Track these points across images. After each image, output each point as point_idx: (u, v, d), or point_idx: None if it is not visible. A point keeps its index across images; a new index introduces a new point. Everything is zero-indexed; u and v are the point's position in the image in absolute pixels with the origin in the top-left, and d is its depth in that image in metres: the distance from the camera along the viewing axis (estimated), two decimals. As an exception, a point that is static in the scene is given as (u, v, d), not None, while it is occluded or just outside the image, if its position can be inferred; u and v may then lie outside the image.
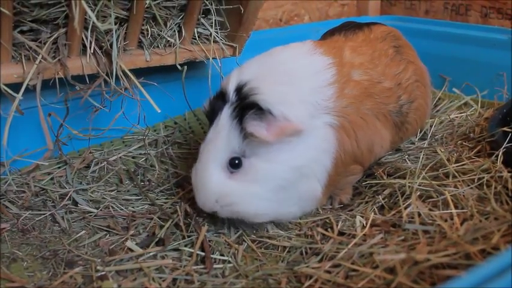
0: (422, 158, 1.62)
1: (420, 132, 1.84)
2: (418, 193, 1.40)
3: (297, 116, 1.28)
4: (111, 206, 1.51)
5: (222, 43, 1.80)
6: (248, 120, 1.27)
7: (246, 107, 1.29)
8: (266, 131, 1.25)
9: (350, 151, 1.39)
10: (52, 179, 1.63)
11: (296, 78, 1.35)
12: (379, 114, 1.46)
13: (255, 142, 1.28)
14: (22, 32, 1.40)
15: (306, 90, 1.34)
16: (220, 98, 1.36)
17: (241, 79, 1.34)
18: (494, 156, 1.51)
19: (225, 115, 1.32)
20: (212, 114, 1.37)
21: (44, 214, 1.46)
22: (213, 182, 1.32)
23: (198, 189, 1.36)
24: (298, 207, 1.39)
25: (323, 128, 1.34)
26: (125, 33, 1.56)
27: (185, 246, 1.32)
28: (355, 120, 1.39)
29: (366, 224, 1.34)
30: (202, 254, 1.29)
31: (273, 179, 1.30)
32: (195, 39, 1.76)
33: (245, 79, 1.33)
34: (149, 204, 1.53)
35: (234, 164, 1.31)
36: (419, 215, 1.30)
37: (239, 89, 1.32)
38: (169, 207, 1.50)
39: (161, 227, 1.39)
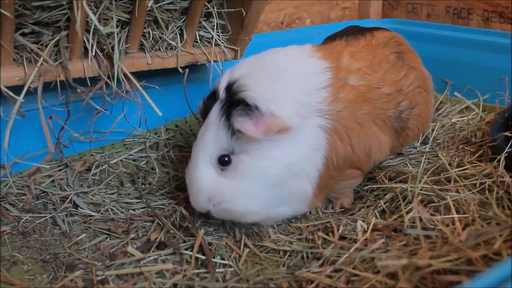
0: (424, 162, 1.61)
1: (422, 136, 1.83)
2: (420, 198, 1.40)
3: (285, 113, 1.28)
4: (112, 209, 1.51)
5: (224, 46, 1.80)
6: (235, 117, 1.27)
7: (234, 103, 1.29)
8: (254, 126, 1.25)
9: (344, 155, 1.39)
10: (53, 181, 1.63)
11: (287, 78, 1.35)
12: (377, 119, 1.45)
13: (244, 139, 1.28)
14: (24, 35, 1.40)
15: (298, 90, 1.34)
16: (212, 97, 1.37)
17: (232, 77, 1.35)
18: (496, 161, 1.51)
19: (214, 113, 1.33)
20: (205, 113, 1.38)
21: (45, 217, 1.46)
22: (203, 180, 1.32)
23: (190, 188, 1.37)
24: (289, 207, 1.38)
25: (314, 128, 1.34)
26: (127, 36, 1.56)
27: (186, 249, 1.32)
28: (349, 124, 1.38)
29: (367, 228, 1.33)
30: (203, 257, 1.29)
31: (263, 175, 1.30)
32: (197, 42, 1.76)
33: (236, 77, 1.34)
34: (150, 208, 1.53)
35: (224, 161, 1.31)
36: (420, 219, 1.30)
37: (229, 87, 1.33)
38: (168, 210, 1.49)
39: (162, 230, 1.39)
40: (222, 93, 1.34)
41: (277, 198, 1.34)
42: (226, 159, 1.31)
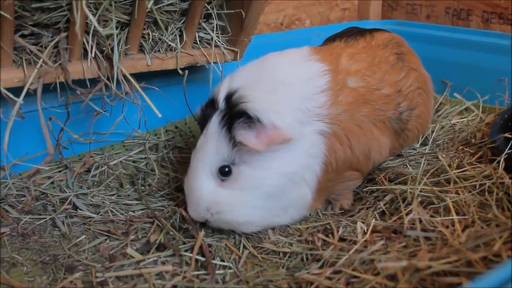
0: (424, 163, 1.62)
1: (421, 138, 1.83)
2: (419, 199, 1.40)
3: (287, 123, 1.28)
4: (111, 211, 1.51)
5: (223, 47, 1.80)
6: (237, 129, 1.27)
7: (235, 115, 1.29)
8: (255, 139, 1.25)
9: (343, 158, 1.39)
10: (52, 183, 1.63)
11: (287, 85, 1.34)
12: (377, 121, 1.45)
13: (245, 150, 1.28)
14: (23, 36, 1.40)
15: (297, 97, 1.34)
16: (211, 105, 1.36)
17: (231, 87, 1.34)
18: (495, 162, 1.51)
19: (214, 123, 1.32)
20: (203, 122, 1.37)
21: (44, 218, 1.46)
22: (203, 190, 1.32)
23: (189, 197, 1.37)
24: (288, 215, 1.39)
25: (313, 134, 1.34)
26: (126, 37, 1.56)
27: (185, 251, 1.32)
28: (349, 127, 1.38)
29: (367, 230, 1.33)
30: (203, 259, 1.28)
31: (262, 186, 1.31)
32: (196, 43, 1.76)
33: (235, 87, 1.33)
34: (149, 209, 1.53)
35: (224, 172, 1.31)
36: (420, 221, 1.30)
37: (229, 97, 1.32)
38: (168, 212, 1.49)
39: (162, 232, 1.39)
40: (221, 103, 1.33)
41: (276, 208, 1.35)
42: (226, 169, 1.31)
